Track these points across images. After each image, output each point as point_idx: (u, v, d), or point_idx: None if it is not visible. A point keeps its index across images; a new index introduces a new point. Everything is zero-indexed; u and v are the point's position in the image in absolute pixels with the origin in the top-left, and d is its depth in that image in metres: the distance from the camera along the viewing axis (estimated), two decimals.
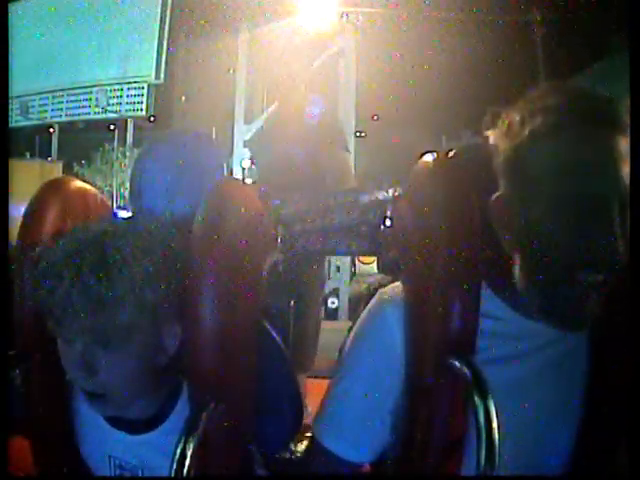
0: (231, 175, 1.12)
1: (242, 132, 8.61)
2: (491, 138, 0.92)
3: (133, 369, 0.94)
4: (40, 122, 11.82)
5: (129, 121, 11.30)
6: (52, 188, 1.10)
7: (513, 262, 0.89)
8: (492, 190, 0.91)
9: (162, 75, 11.31)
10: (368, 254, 1.26)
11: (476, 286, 0.87)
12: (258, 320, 1.02)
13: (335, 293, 7.48)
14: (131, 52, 11.29)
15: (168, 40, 10.99)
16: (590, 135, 0.83)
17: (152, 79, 11.38)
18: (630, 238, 0.84)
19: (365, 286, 1.16)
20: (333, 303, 7.42)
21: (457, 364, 0.84)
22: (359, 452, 0.99)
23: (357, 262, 7.31)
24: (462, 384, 0.83)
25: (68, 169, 10.19)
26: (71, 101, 11.93)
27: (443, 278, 0.87)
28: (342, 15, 8.20)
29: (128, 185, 1.29)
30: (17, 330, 1.00)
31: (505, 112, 0.90)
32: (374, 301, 1.00)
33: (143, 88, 11.48)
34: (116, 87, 11.56)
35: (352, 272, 7.67)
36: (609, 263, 0.82)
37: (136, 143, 10.50)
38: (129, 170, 1.35)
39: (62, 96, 11.92)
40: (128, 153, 10.36)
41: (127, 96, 11.58)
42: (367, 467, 1.08)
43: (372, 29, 8.21)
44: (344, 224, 1.41)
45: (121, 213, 1.07)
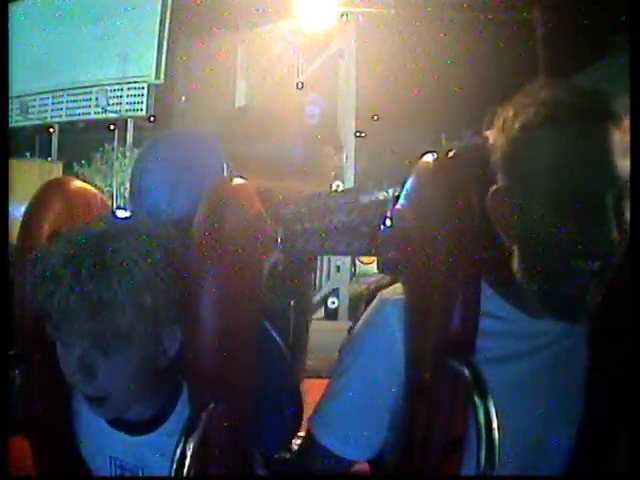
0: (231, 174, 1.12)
1: None
2: (490, 136, 0.93)
3: (133, 372, 0.94)
4: (40, 122, 11.81)
5: (129, 121, 11.29)
6: (52, 188, 1.10)
7: (511, 258, 0.90)
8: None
9: (162, 75, 11.30)
10: (368, 254, 1.27)
11: (476, 286, 0.88)
12: (258, 320, 1.02)
13: (335, 293, 7.47)
14: (131, 52, 11.28)
15: (168, 40, 10.99)
16: (581, 126, 0.84)
17: (152, 79, 11.37)
18: (630, 238, 0.85)
19: (365, 286, 1.16)
20: (333, 303, 7.42)
21: (457, 364, 0.84)
22: (354, 449, 0.99)
23: (357, 262, 7.30)
24: (462, 384, 0.83)
25: (68, 169, 10.18)
26: (71, 101, 11.92)
27: (443, 278, 0.88)
28: (342, 15, 8.20)
29: (128, 185, 1.29)
30: (17, 330, 1.00)
31: (501, 108, 0.92)
32: (375, 301, 1.00)
33: (143, 88, 11.47)
34: (116, 87, 11.56)
35: (352, 272, 7.67)
36: (604, 251, 0.83)
37: (136, 143, 10.48)
38: (129, 170, 1.35)
39: (62, 96, 11.91)
40: (128, 153, 10.35)
41: (127, 96, 11.58)
42: (366, 466, 1.08)
43: (372, 29, 8.21)
44: (344, 224, 1.41)
45: (121, 213, 1.06)
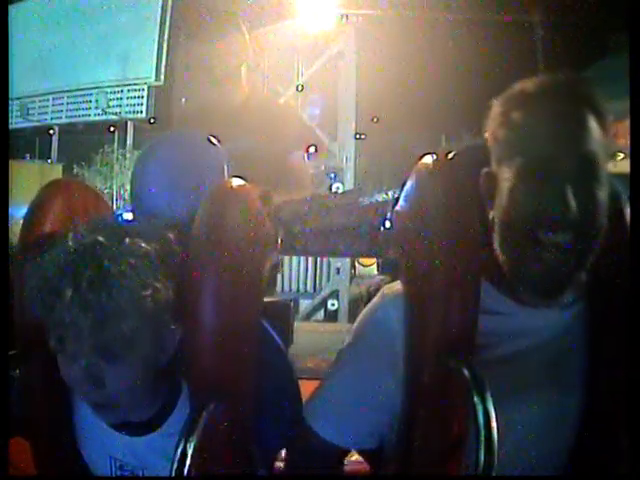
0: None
1: None
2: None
3: (137, 375, 0.94)
4: (40, 124, 11.81)
5: (129, 123, 11.29)
6: (52, 190, 1.10)
7: (500, 241, 0.93)
8: None
9: (162, 77, 11.30)
10: (368, 256, 1.27)
11: (476, 285, 0.88)
12: (258, 320, 1.02)
13: (335, 295, 7.47)
14: (131, 54, 11.28)
15: (168, 41, 10.99)
16: (548, 106, 0.92)
17: (152, 81, 11.37)
18: (630, 237, 0.86)
19: (365, 288, 1.16)
20: (333, 305, 7.42)
21: (456, 363, 0.84)
22: (345, 437, 1.01)
23: (357, 264, 7.30)
24: (461, 383, 0.83)
25: (68, 171, 10.18)
26: (71, 103, 11.92)
27: (443, 279, 0.88)
28: (342, 17, 8.20)
29: (128, 187, 1.29)
30: (17, 330, 1.00)
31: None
32: (376, 298, 1.01)
33: (143, 90, 11.48)
34: (116, 89, 11.55)
35: (352, 274, 7.67)
36: (563, 222, 0.87)
37: (136, 145, 10.48)
38: (129, 172, 1.35)
39: (62, 98, 11.91)
40: (128, 155, 10.35)
41: (127, 98, 11.57)
42: (366, 466, 1.08)
43: (372, 31, 8.21)
44: (344, 226, 1.41)
45: (120, 215, 1.06)
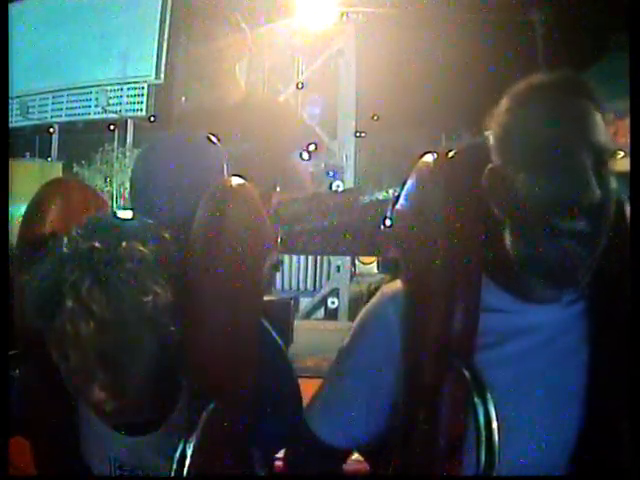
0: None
1: None
2: (489, 135, 0.96)
3: (138, 379, 0.94)
4: (40, 122, 11.80)
5: (129, 121, 11.28)
6: (52, 188, 1.10)
7: (506, 238, 0.93)
8: None
9: (162, 75, 11.28)
10: (368, 254, 1.27)
11: (476, 284, 0.88)
12: (258, 320, 1.02)
13: (335, 293, 7.46)
14: (131, 52, 11.27)
15: (168, 40, 10.98)
16: (555, 100, 0.93)
17: (152, 79, 11.36)
18: (630, 237, 0.86)
19: (365, 286, 1.16)
20: (333, 303, 7.41)
21: (456, 362, 0.84)
22: (343, 438, 1.02)
23: (357, 262, 7.30)
24: (461, 383, 0.83)
25: (68, 169, 10.17)
26: (71, 101, 11.91)
27: (443, 278, 0.88)
28: (342, 15, 8.19)
29: (128, 186, 1.29)
30: (17, 330, 1.00)
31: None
32: (376, 297, 1.01)
33: (143, 88, 11.46)
34: (116, 87, 11.55)
35: (352, 272, 7.66)
36: (583, 207, 0.87)
37: (136, 143, 10.46)
38: (129, 171, 1.35)
39: (62, 96, 11.91)
40: (128, 153, 10.33)
41: (127, 96, 11.56)
42: (366, 466, 1.08)
43: (372, 29, 8.20)
44: (344, 224, 1.41)
45: (119, 214, 1.06)
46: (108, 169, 10.58)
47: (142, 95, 11.48)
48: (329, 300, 7.36)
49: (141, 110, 11.40)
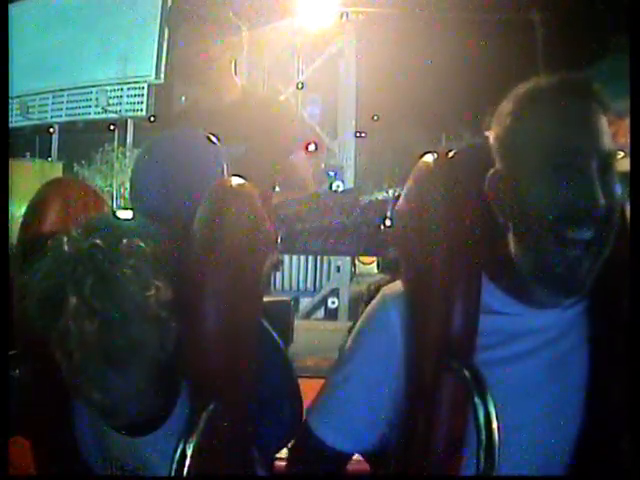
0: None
1: None
2: (490, 135, 0.95)
3: (140, 378, 0.94)
4: (40, 122, 11.80)
5: (129, 121, 11.28)
6: (53, 188, 1.10)
7: (509, 244, 0.92)
8: None
9: (162, 75, 11.29)
10: (368, 254, 1.27)
11: (477, 284, 0.88)
12: (258, 320, 1.02)
13: (335, 293, 7.46)
14: (131, 52, 11.27)
15: (168, 40, 10.98)
16: (562, 103, 0.91)
17: (152, 79, 11.36)
18: (631, 237, 0.86)
19: (365, 286, 1.16)
20: (333, 303, 7.41)
21: (457, 363, 0.84)
22: (347, 442, 1.01)
23: (357, 262, 7.30)
24: (462, 384, 0.83)
25: (68, 169, 10.17)
26: (71, 101, 11.92)
27: (443, 278, 0.88)
28: (342, 15, 8.19)
29: (128, 185, 1.29)
30: (17, 330, 1.00)
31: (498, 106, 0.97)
32: (377, 297, 1.01)
33: (143, 88, 11.47)
34: (116, 87, 11.55)
35: (352, 272, 7.66)
36: (592, 218, 0.87)
37: (136, 143, 10.46)
38: (129, 170, 1.35)
39: (62, 96, 11.91)
40: (128, 153, 10.33)
41: (127, 96, 11.57)
42: (366, 466, 1.08)
43: (372, 29, 8.19)
44: (344, 224, 1.41)
45: (119, 213, 1.06)
46: (108, 169, 10.58)
47: (142, 95, 11.48)
48: (329, 300, 7.36)
49: (141, 110, 11.41)
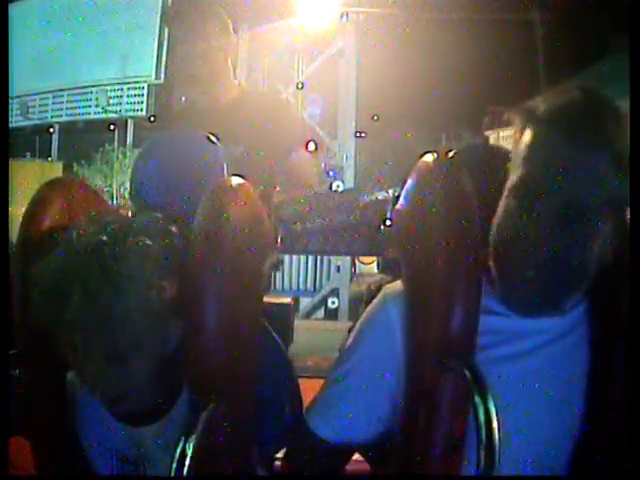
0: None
1: None
2: (489, 136, 0.95)
3: (146, 370, 0.95)
4: (40, 122, 11.81)
5: (129, 121, 11.29)
6: (53, 188, 1.10)
7: (502, 259, 0.92)
8: (491, 189, 0.93)
9: (162, 75, 11.30)
10: (368, 254, 1.27)
11: (477, 285, 0.88)
12: (258, 320, 1.02)
13: (335, 293, 7.46)
14: (131, 52, 11.29)
15: (168, 40, 10.99)
16: (578, 120, 0.88)
17: (152, 79, 11.37)
18: (630, 237, 0.86)
19: (365, 286, 1.16)
20: (333, 303, 7.41)
21: (457, 363, 0.84)
22: (345, 438, 1.01)
23: (357, 262, 7.30)
24: (462, 383, 0.83)
25: (68, 169, 10.19)
26: (71, 101, 11.93)
27: (443, 278, 0.88)
28: (342, 15, 8.19)
29: (128, 185, 1.29)
30: (17, 330, 1.00)
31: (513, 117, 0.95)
32: (378, 297, 1.01)
33: (143, 88, 11.49)
34: (116, 87, 11.56)
35: (352, 272, 7.66)
36: (593, 230, 0.87)
37: (136, 143, 10.48)
38: (129, 170, 1.35)
39: (62, 96, 11.92)
40: (128, 153, 10.35)
41: (127, 96, 11.58)
42: (366, 466, 1.08)
43: (372, 29, 8.20)
44: (344, 224, 1.41)
45: (120, 212, 1.06)
46: (108, 169, 10.60)
47: (142, 95, 11.50)
48: (329, 300, 7.36)
49: (141, 110, 11.42)
